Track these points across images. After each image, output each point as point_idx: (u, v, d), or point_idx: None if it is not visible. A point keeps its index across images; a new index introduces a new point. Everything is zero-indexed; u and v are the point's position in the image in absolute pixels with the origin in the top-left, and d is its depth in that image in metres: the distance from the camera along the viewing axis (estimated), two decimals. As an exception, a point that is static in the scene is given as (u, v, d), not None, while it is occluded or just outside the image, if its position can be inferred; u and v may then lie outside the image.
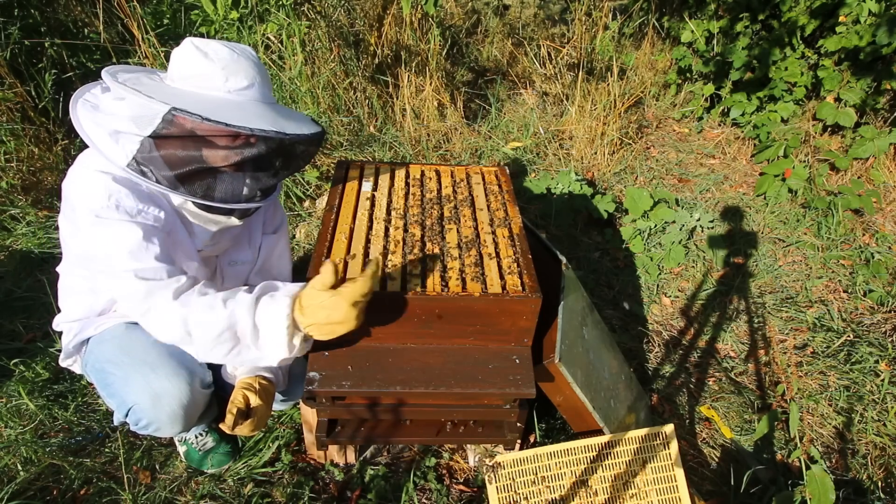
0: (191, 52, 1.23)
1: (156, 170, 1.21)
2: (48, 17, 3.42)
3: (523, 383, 1.40)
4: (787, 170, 3.26)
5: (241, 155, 1.23)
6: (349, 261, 1.42)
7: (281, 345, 1.20)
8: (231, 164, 1.24)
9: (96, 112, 1.24)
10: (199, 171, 1.23)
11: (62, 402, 1.88)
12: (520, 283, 1.41)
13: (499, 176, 1.88)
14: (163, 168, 1.21)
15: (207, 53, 1.22)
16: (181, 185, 1.23)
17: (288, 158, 1.34)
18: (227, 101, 1.23)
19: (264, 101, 1.29)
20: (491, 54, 4.58)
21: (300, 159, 1.38)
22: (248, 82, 1.25)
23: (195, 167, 1.22)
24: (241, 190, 1.30)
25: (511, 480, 1.53)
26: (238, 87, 1.24)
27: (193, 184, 1.25)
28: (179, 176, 1.22)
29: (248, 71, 1.25)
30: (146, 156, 1.20)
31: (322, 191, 2.99)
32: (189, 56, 1.23)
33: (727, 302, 2.62)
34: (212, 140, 1.21)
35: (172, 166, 1.21)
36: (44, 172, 2.90)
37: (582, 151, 3.55)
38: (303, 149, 1.35)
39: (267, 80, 1.32)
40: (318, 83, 3.18)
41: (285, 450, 1.76)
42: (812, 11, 3.52)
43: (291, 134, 1.22)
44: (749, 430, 2.02)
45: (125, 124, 1.19)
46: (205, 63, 1.22)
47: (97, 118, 1.22)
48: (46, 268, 2.41)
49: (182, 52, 1.24)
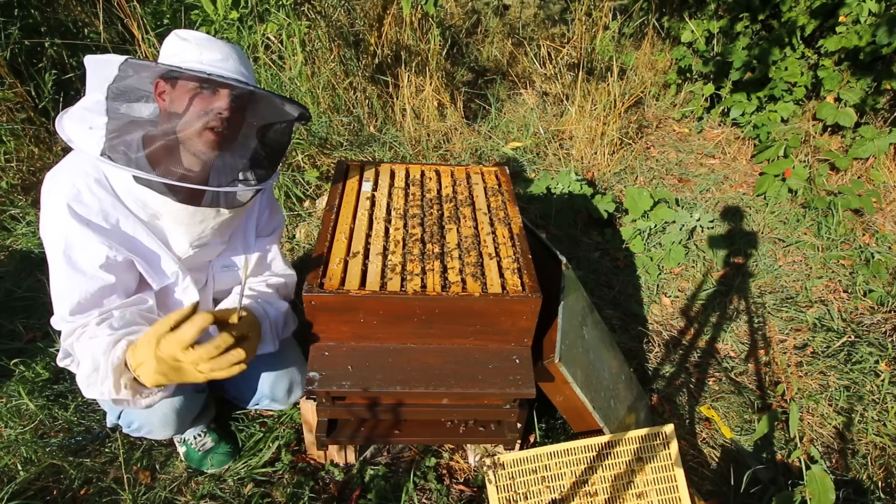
0: (171, 38, 1.26)
1: (127, 152, 1.17)
2: (48, 17, 3.42)
3: (523, 383, 1.40)
4: (787, 170, 3.26)
5: (205, 117, 1.20)
6: (349, 260, 1.42)
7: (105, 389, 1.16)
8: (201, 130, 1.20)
9: (74, 110, 1.23)
10: (170, 147, 1.20)
11: (62, 402, 1.88)
12: (520, 283, 1.41)
13: (499, 176, 1.88)
14: (132, 148, 1.18)
15: (187, 38, 1.24)
16: (154, 166, 1.19)
17: (263, 136, 1.31)
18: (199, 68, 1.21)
19: (240, 75, 1.26)
20: (491, 54, 4.58)
21: (278, 140, 1.34)
22: (222, 56, 1.24)
23: (164, 141, 1.19)
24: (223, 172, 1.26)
25: (511, 480, 1.53)
26: (212, 59, 1.23)
27: (167, 166, 1.21)
28: (151, 156, 1.19)
29: (224, 49, 1.25)
30: (115, 140, 1.17)
31: (322, 191, 2.99)
32: (170, 41, 1.26)
33: (727, 302, 2.62)
34: (175, 104, 1.20)
35: (143, 145, 1.18)
36: (43, 172, 2.89)
37: (582, 151, 3.55)
38: (276, 119, 1.31)
39: (246, 62, 1.30)
40: (318, 83, 3.18)
41: (285, 450, 1.76)
42: (812, 11, 3.52)
43: (253, 85, 1.20)
44: (749, 430, 2.02)
45: (91, 98, 1.19)
46: (183, 43, 1.23)
47: (73, 114, 1.22)
48: (46, 268, 2.41)
49: (166, 41, 1.27)
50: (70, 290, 1.22)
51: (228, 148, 1.27)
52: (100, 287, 1.23)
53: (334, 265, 1.40)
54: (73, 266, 1.21)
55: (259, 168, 1.34)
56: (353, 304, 1.33)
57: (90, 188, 1.22)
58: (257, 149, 1.32)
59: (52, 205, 1.21)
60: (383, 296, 1.33)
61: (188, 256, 1.39)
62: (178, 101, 1.21)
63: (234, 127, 1.27)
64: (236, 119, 1.26)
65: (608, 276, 2.73)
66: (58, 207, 1.20)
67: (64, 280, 1.22)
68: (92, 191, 1.22)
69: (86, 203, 1.21)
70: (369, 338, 1.41)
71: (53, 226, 1.21)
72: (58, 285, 1.23)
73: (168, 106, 1.21)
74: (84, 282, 1.22)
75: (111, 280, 1.25)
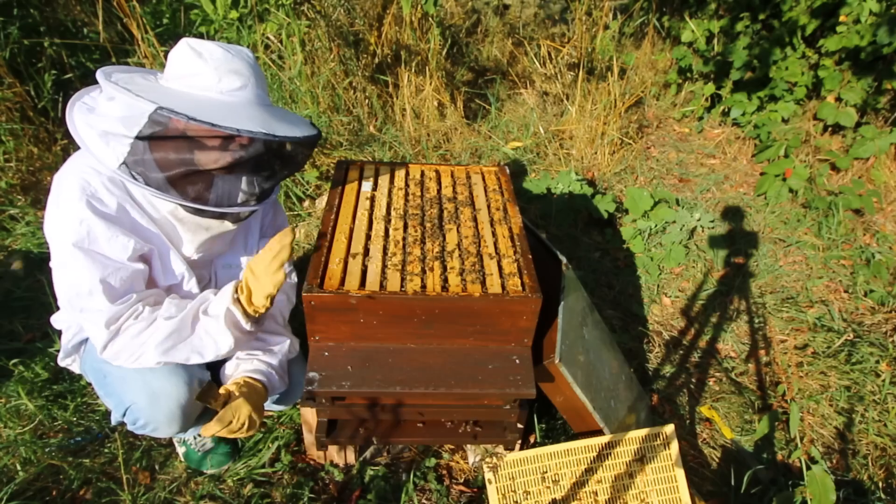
0: (185, 51, 1.23)
1: (146, 172, 1.20)
2: (47, 17, 3.42)
3: (523, 383, 1.40)
4: (787, 170, 3.25)
5: (232, 157, 1.21)
6: (349, 260, 1.42)
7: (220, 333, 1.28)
8: (221, 167, 1.22)
9: (90, 114, 1.23)
10: (190, 173, 1.22)
11: (61, 402, 1.87)
12: (520, 283, 1.40)
13: (499, 176, 1.88)
14: (153, 170, 1.20)
15: (202, 53, 1.21)
16: (172, 188, 1.22)
17: (281, 161, 1.32)
18: (219, 101, 1.22)
19: (258, 102, 1.27)
20: (491, 54, 4.58)
21: (294, 162, 1.36)
22: (240, 83, 1.24)
23: (185, 170, 1.21)
24: (235, 193, 1.29)
25: (511, 480, 1.53)
26: (230, 87, 1.23)
27: (184, 187, 1.23)
28: (170, 178, 1.21)
29: (242, 72, 1.24)
30: (136, 158, 1.19)
31: (322, 191, 2.99)
32: (183, 56, 1.23)
33: (727, 302, 2.62)
34: (201, 141, 1.20)
35: (162, 168, 1.20)
36: (43, 172, 2.89)
37: (582, 151, 3.55)
38: (296, 151, 1.33)
39: (262, 81, 1.30)
40: (317, 83, 3.17)
41: (285, 450, 1.75)
42: (813, 11, 3.52)
43: (280, 136, 1.21)
44: (749, 430, 2.02)
45: (114, 125, 1.18)
46: (198, 63, 1.21)
47: (90, 120, 1.22)
48: (45, 268, 2.41)
49: (177, 51, 1.24)
50: (105, 279, 1.21)
51: (248, 179, 1.30)
52: (132, 273, 1.25)
53: (334, 265, 1.40)
54: (103, 259, 1.22)
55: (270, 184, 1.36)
56: (352, 305, 1.33)
57: (106, 186, 1.23)
58: (272, 173, 1.34)
59: (68, 202, 1.20)
60: (383, 296, 1.33)
61: (194, 258, 1.42)
62: (205, 140, 1.21)
63: (256, 165, 1.28)
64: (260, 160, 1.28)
65: (608, 276, 2.72)
66: (76, 204, 1.20)
67: (96, 272, 1.20)
68: (108, 188, 1.23)
69: (103, 200, 1.22)
70: (369, 338, 1.40)
71: (72, 222, 1.20)
72: (87, 280, 1.21)
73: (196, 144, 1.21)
74: (117, 269, 1.23)
75: (140, 267, 1.27)
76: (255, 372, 1.42)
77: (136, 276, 1.27)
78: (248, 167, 1.27)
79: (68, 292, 1.23)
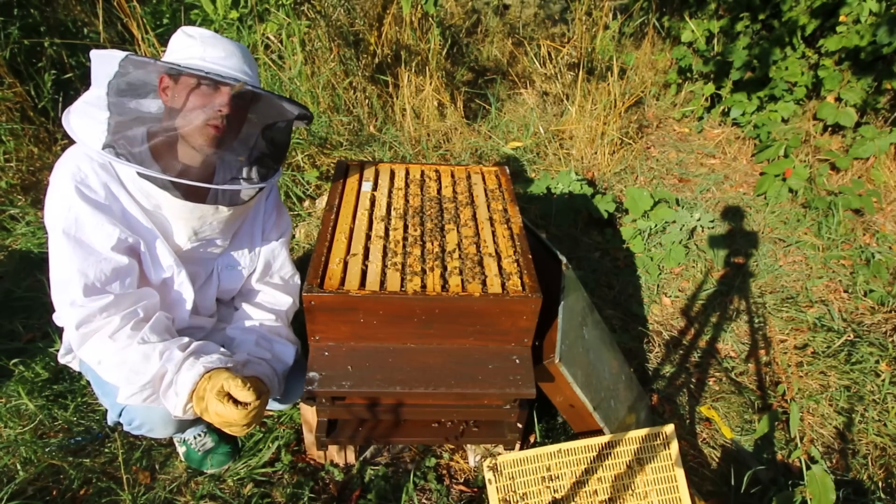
0: (178, 34, 1.27)
1: (128, 146, 1.19)
2: (48, 17, 3.42)
3: (523, 383, 1.40)
4: (787, 169, 3.25)
5: (206, 116, 1.21)
6: (349, 260, 1.42)
7: (177, 408, 1.22)
8: (198, 128, 1.22)
9: (78, 103, 1.25)
10: (170, 142, 1.22)
11: (62, 402, 1.87)
12: (520, 283, 1.41)
13: (499, 176, 1.88)
14: (134, 143, 1.19)
15: (192, 35, 1.25)
16: (155, 161, 1.21)
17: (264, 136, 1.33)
18: (200, 65, 1.22)
19: (242, 73, 1.27)
20: (491, 54, 4.58)
21: (274, 131, 1.35)
22: (225, 54, 1.25)
23: (165, 137, 1.21)
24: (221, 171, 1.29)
25: (511, 480, 1.53)
26: (214, 56, 1.24)
27: (169, 161, 1.23)
28: (152, 150, 1.21)
29: (228, 47, 1.26)
30: (116, 132, 1.18)
31: (322, 191, 2.99)
32: (176, 37, 1.28)
33: (727, 302, 2.62)
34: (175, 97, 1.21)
35: (144, 138, 1.20)
36: (43, 172, 2.90)
37: (582, 151, 3.55)
38: (276, 117, 1.33)
39: (251, 63, 1.31)
40: (317, 83, 3.18)
41: (285, 450, 1.75)
42: (812, 11, 3.52)
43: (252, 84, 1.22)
44: (749, 430, 2.02)
45: (92, 92, 1.20)
46: (188, 40, 1.25)
47: (76, 107, 1.24)
48: (45, 267, 2.41)
49: (173, 37, 1.29)
50: (84, 271, 1.20)
51: (228, 145, 1.29)
52: (114, 268, 1.24)
53: (334, 265, 1.40)
54: (86, 247, 1.21)
55: (259, 166, 1.35)
56: (352, 304, 1.33)
57: (96, 172, 1.23)
58: (257, 147, 1.34)
59: (59, 189, 1.21)
60: (383, 296, 1.33)
61: (187, 250, 1.39)
62: (179, 97, 1.22)
63: (234, 124, 1.28)
64: (236, 117, 1.28)
65: (608, 276, 2.73)
66: (66, 190, 1.20)
67: (76, 261, 1.20)
68: (98, 175, 1.23)
69: (93, 186, 1.22)
70: (369, 338, 1.40)
71: (62, 209, 1.20)
72: (67, 269, 1.21)
73: (170, 102, 1.23)
74: (98, 262, 1.22)
75: (124, 262, 1.26)
76: (263, 375, 1.42)
77: (120, 271, 1.25)
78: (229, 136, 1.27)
79: (53, 281, 1.23)
